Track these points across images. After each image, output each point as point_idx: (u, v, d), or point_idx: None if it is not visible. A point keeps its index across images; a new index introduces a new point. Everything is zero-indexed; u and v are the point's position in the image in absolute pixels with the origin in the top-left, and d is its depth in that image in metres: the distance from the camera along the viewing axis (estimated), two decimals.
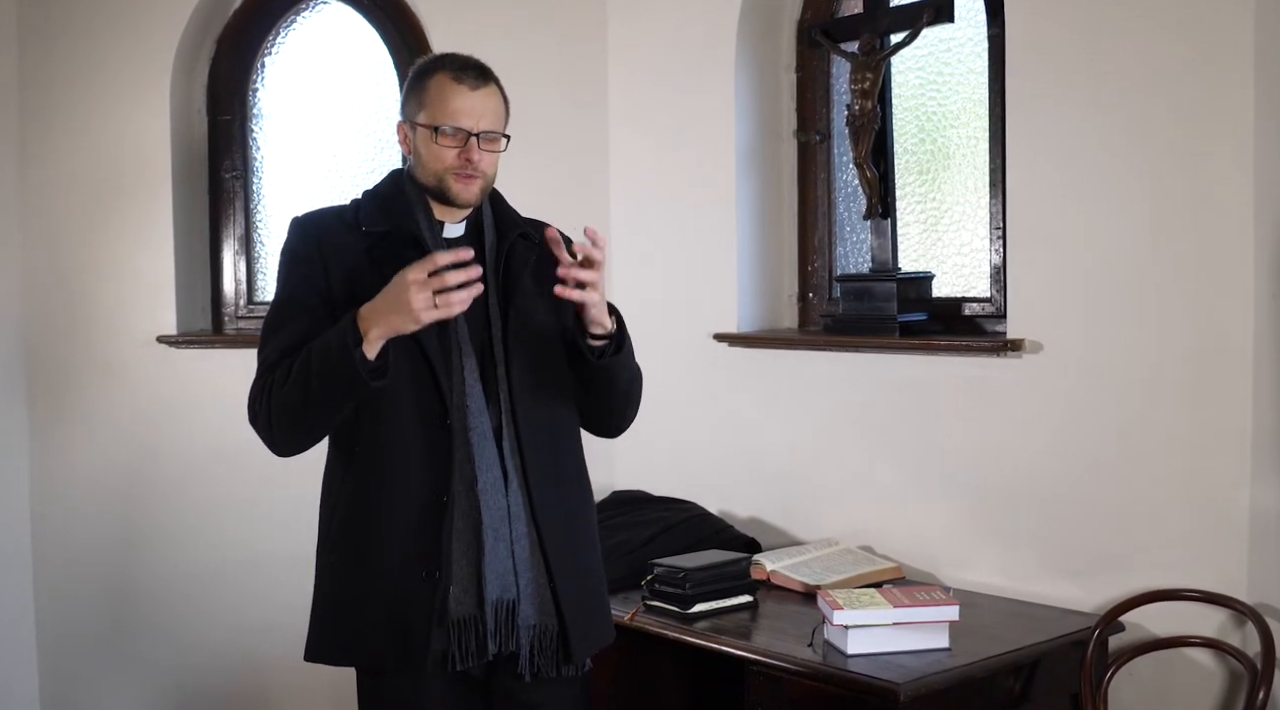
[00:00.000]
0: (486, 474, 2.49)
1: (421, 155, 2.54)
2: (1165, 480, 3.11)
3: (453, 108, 2.50)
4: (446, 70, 2.54)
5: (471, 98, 2.52)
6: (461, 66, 2.54)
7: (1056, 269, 3.27)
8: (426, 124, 2.52)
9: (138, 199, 4.48)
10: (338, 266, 2.52)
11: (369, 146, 4.50)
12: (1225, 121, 2.97)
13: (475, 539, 2.47)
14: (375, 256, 2.51)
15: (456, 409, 2.49)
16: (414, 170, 2.58)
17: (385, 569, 2.47)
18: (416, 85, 2.56)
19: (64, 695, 4.57)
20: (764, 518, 3.92)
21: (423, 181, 2.55)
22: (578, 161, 4.29)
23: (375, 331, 2.37)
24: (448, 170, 2.51)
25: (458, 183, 2.52)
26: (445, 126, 2.50)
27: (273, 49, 4.58)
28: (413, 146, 2.57)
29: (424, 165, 2.54)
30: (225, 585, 4.42)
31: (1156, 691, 3.12)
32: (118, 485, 4.52)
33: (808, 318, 4.06)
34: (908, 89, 3.82)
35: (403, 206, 2.56)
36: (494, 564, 2.48)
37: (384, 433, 2.49)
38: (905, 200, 3.84)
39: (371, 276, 2.46)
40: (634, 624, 3.23)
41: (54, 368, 4.56)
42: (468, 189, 2.53)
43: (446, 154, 2.50)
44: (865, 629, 2.86)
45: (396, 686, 2.51)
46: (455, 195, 2.53)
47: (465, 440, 2.48)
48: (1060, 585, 3.28)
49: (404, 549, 2.47)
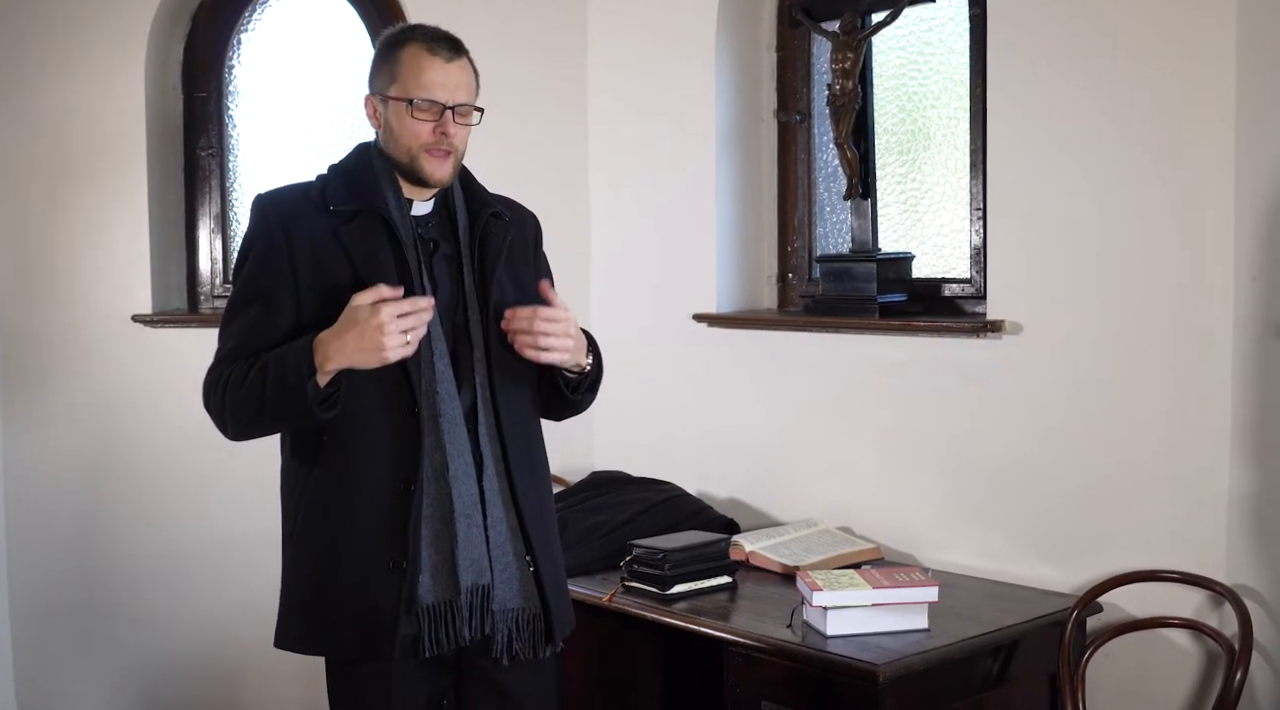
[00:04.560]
0: (458, 461, 2.46)
1: (394, 129, 2.49)
2: (1144, 461, 3.11)
3: (426, 80, 2.46)
4: (419, 41, 2.48)
5: (446, 70, 2.47)
6: (434, 38, 2.49)
7: (1037, 250, 3.27)
8: (399, 97, 2.47)
9: (112, 177, 4.44)
10: (304, 249, 2.47)
11: (346, 124, 4.46)
12: (1208, 102, 2.96)
13: (447, 526, 2.44)
14: (343, 238, 2.46)
15: (426, 396, 2.45)
16: (384, 145, 2.53)
17: (353, 560, 2.44)
18: (387, 57, 2.50)
19: (37, 674, 4.55)
20: (743, 498, 3.92)
21: (394, 156, 2.51)
22: (557, 141, 4.27)
23: (333, 365, 2.35)
24: (422, 146, 2.47)
25: (431, 161, 2.48)
26: (419, 99, 2.45)
27: (249, 25, 4.54)
28: (383, 120, 2.52)
29: (396, 140, 2.49)
30: (198, 566, 4.41)
31: (1134, 672, 3.13)
32: (91, 465, 4.49)
33: (787, 298, 4.05)
34: (888, 69, 3.80)
35: (370, 184, 2.51)
36: (467, 551, 2.45)
37: (351, 424, 2.45)
38: (885, 180, 3.83)
39: (339, 258, 2.44)
40: (613, 605, 3.23)
41: (27, 347, 4.52)
42: (441, 168, 2.49)
43: (421, 128, 2.46)
44: (844, 610, 2.86)
45: (366, 673, 2.49)
46: (429, 175, 2.49)
47: (435, 427, 2.45)
48: (1038, 566, 3.29)
49: (372, 539, 2.44)
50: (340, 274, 2.42)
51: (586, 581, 3.34)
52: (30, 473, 4.52)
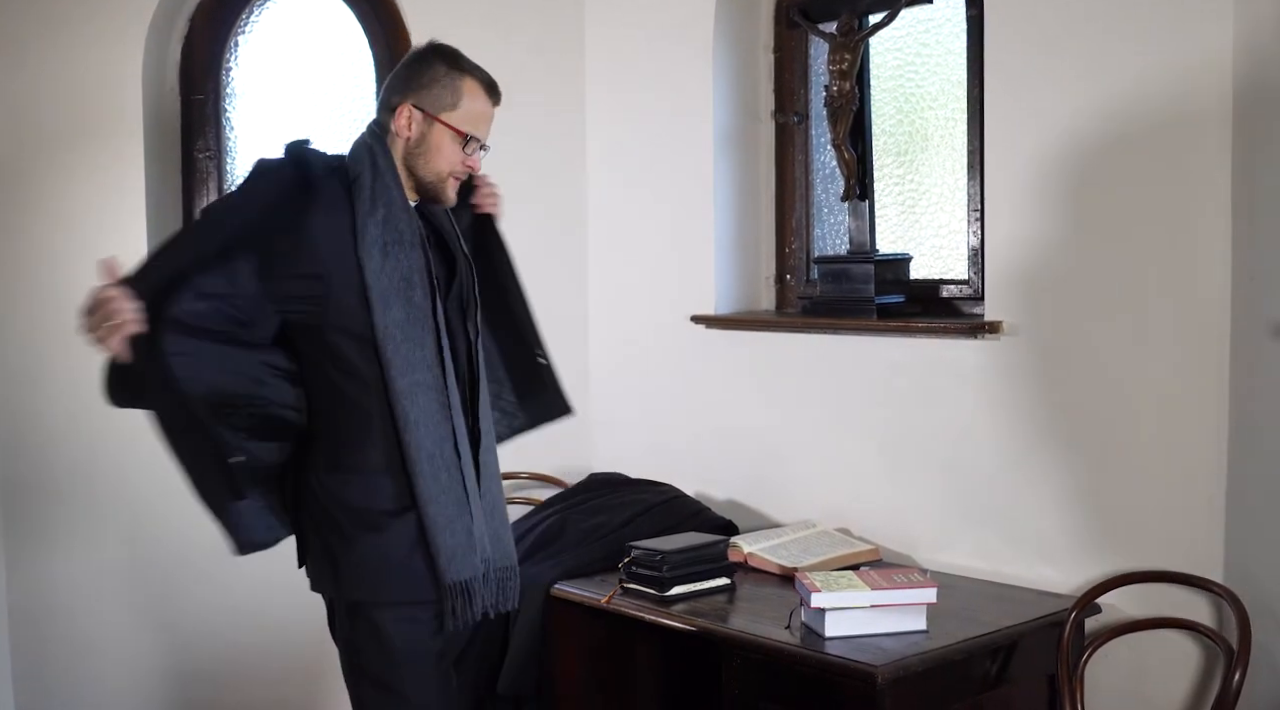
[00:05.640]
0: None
1: (432, 151, 2.67)
2: (1142, 462, 3.11)
3: (482, 120, 2.70)
4: (478, 80, 2.69)
5: (491, 112, 2.72)
6: (491, 83, 2.72)
7: (1034, 251, 3.27)
8: (454, 127, 2.65)
9: (109, 179, 4.44)
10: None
11: (343, 127, 4.46)
12: (1205, 103, 2.96)
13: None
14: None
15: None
16: (410, 157, 2.68)
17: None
18: (446, 81, 2.66)
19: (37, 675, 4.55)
20: (741, 500, 3.91)
21: (419, 172, 2.68)
22: (555, 143, 4.27)
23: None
24: (452, 172, 2.68)
25: (452, 186, 2.71)
26: (473, 136, 2.67)
27: (246, 28, 4.54)
28: (420, 136, 2.67)
29: (430, 161, 2.67)
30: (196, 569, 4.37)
31: (1133, 673, 3.13)
32: (87, 466, 4.48)
33: (785, 300, 4.05)
34: (886, 70, 3.80)
35: (400, 194, 2.68)
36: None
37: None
38: (883, 182, 3.83)
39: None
40: (611, 607, 3.23)
41: (24, 350, 4.51)
42: (453, 191, 2.73)
43: (459, 158, 2.68)
44: (843, 611, 2.86)
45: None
46: (447, 198, 2.72)
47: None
48: (1037, 567, 3.29)
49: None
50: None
51: (585, 583, 3.34)
52: (27, 474, 4.52)
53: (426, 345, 2.61)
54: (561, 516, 3.62)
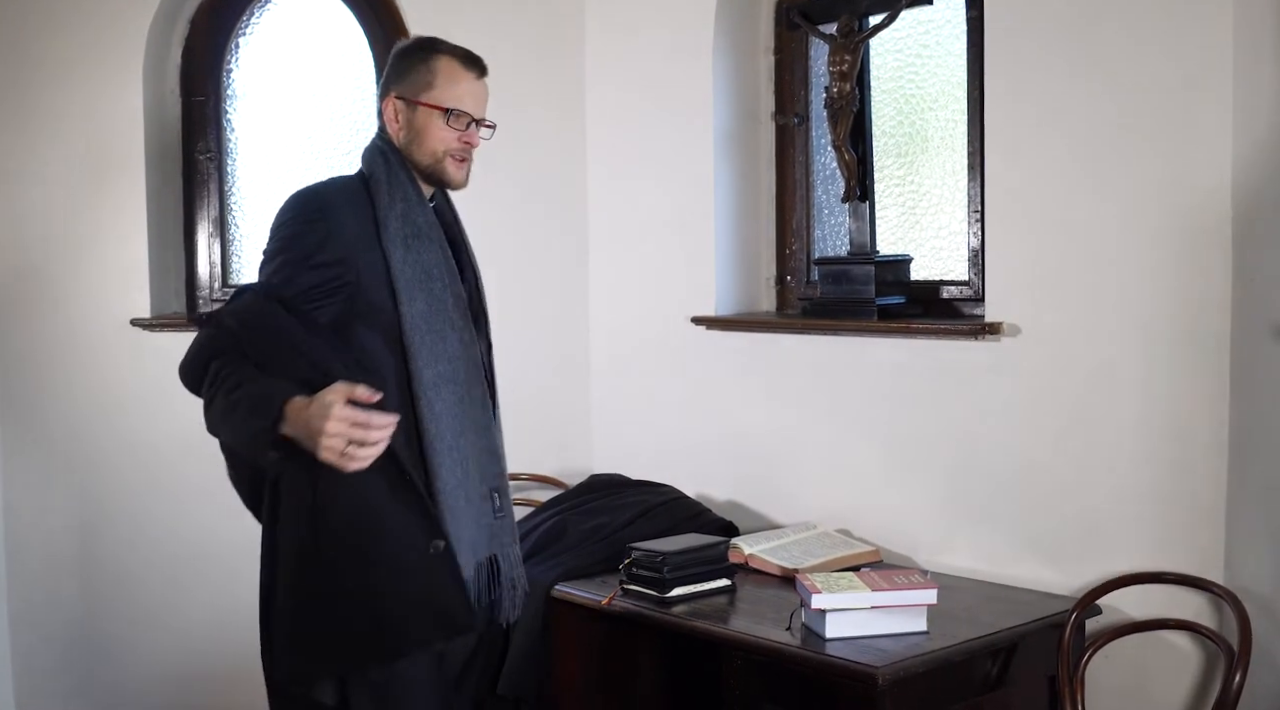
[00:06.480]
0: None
1: (421, 134, 2.66)
2: (1143, 463, 3.11)
3: (461, 91, 2.66)
4: (453, 56, 2.68)
5: (476, 85, 2.69)
6: (467, 55, 2.69)
7: (1035, 252, 3.27)
8: (435, 105, 2.64)
9: (110, 181, 4.44)
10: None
11: (344, 128, 4.46)
12: (1205, 104, 2.96)
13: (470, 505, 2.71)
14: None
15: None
16: (404, 147, 2.68)
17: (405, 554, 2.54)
18: (420, 65, 2.66)
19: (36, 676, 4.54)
20: (742, 501, 3.91)
21: (416, 158, 2.67)
22: (555, 144, 4.26)
23: (288, 429, 2.36)
24: (447, 152, 2.66)
25: (454, 166, 2.68)
26: (456, 109, 2.64)
27: (247, 29, 4.54)
28: (406, 123, 2.67)
29: (422, 144, 2.66)
30: (196, 573, 4.40)
31: (1134, 674, 3.13)
32: (90, 469, 4.48)
33: (786, 301, 4.05)
34: (886, 71, 3.80)
35: (417, 191, 2.67)
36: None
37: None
38: (883, 183, 3.83)
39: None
40: (612, 608, 3.22)
41: (26, 351, 4.51)
42: (461, 171, 2.70)
43: (450, 135, 2.65)
44: (843, 612, 2.86)
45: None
46: (452, 178, 2.70)
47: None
48: (1037, 568, 3.28)
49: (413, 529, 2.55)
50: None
51: (585, 584, 3.34)
52: (29, 477, 4.52)
53: (449, 339, 2.62)
54: (562, 518, 3.62)
